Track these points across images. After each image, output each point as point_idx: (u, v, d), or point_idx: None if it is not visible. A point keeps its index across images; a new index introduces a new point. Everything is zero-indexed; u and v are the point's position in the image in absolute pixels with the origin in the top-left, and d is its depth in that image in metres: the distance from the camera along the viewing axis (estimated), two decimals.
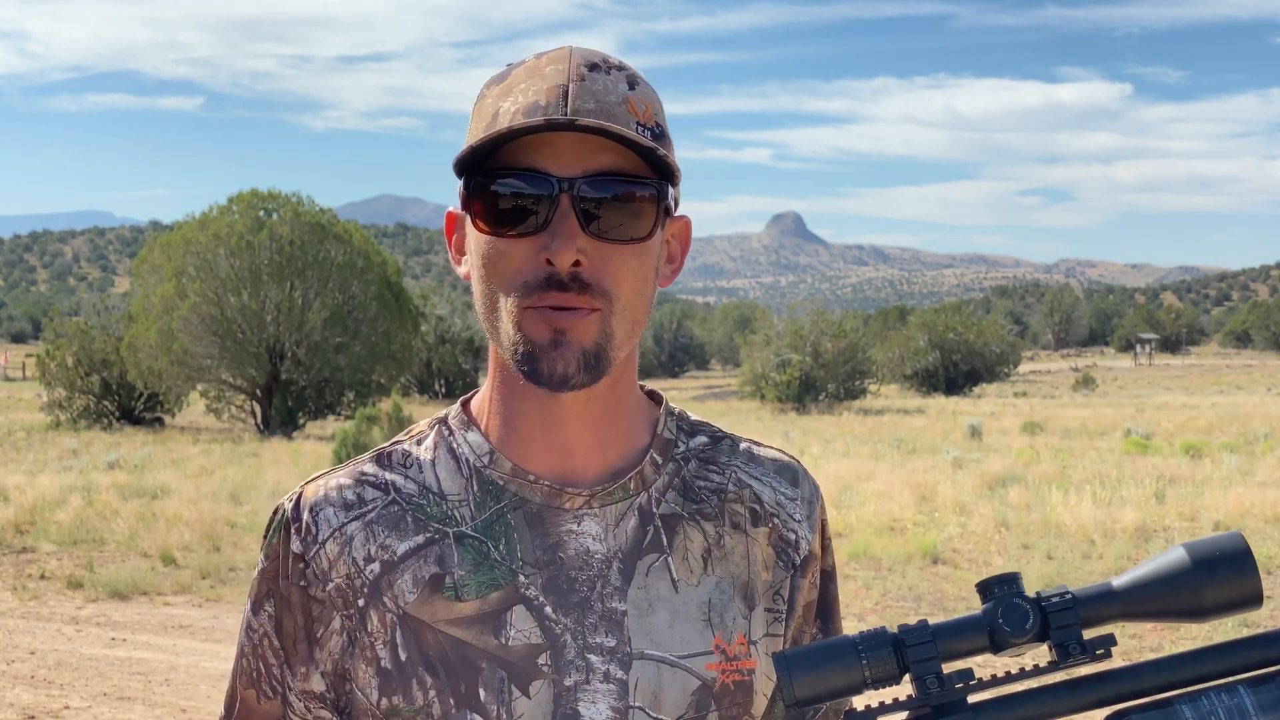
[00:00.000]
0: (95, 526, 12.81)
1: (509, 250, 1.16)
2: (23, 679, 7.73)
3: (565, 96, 1.14)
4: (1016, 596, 1.02)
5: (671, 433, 1.30)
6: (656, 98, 1.22)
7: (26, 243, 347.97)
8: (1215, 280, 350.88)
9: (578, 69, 1.16)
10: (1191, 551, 1.03)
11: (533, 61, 1.19)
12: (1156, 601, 1.04)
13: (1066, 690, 1.04)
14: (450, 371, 42.68)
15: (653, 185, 1.17)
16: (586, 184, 1.14)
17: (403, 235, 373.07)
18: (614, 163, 1.15)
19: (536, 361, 1.16)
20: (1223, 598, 1.03)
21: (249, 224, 27.54)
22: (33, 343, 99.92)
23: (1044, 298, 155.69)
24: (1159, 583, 1.04)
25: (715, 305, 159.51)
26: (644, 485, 1.25)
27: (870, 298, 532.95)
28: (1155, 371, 68.37)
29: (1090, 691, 1.04)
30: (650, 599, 1.21)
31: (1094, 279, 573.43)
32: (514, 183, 1.15)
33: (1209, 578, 1.02)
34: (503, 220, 1.16)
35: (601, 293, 1.15)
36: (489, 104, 1.18)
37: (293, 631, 1.23)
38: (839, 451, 20.52)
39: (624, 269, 1.16)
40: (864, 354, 37.44)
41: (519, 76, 1.18)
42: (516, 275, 1.16)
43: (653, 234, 1.18)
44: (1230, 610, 1.04)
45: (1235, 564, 1.02)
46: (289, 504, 1.24)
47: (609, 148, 1.15)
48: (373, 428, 18.23)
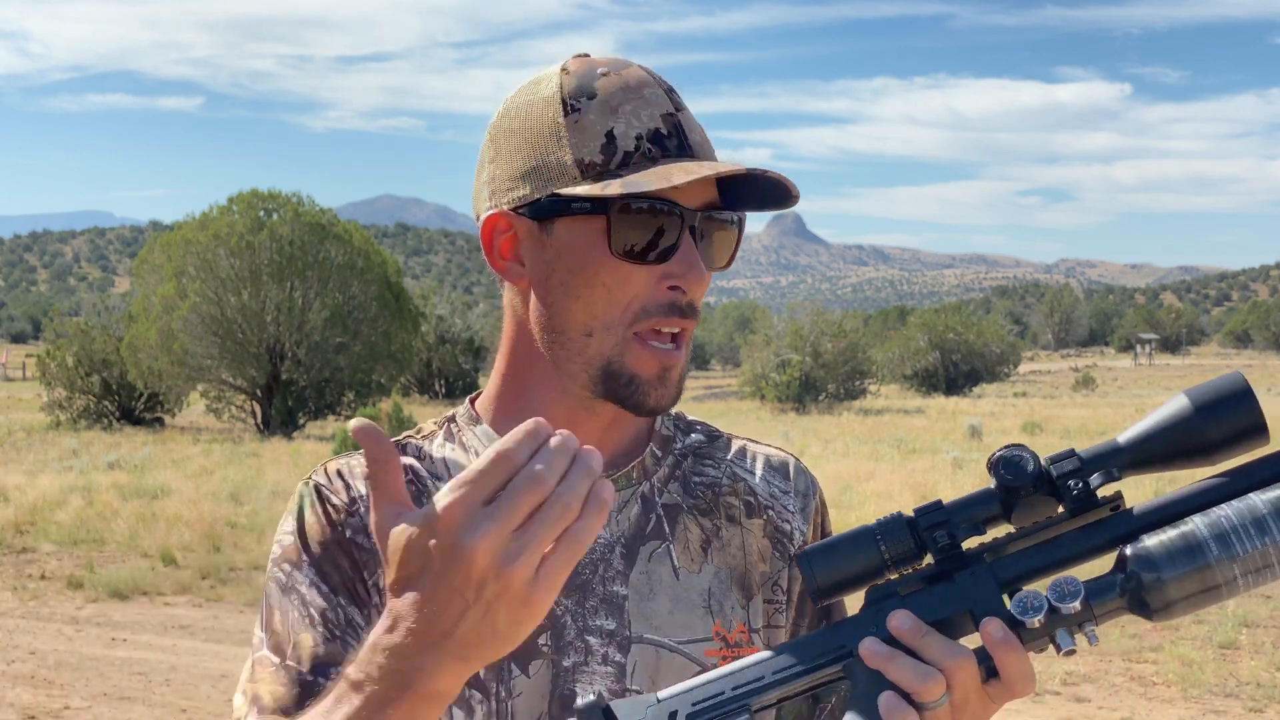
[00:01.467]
0: (95, 527, 12.81)
1: (633, 276, 1.18)
2: (23, 679, 7.73)
3: (680, 128, 1.20)
4: (1018, 449, 1.04)
5: (669, 429, 1.33)
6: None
7: (26, 243, 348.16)
8: (1215, 280, 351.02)
9: (668, 95, 1.22)
10: (1192, 395, 1.04)
11: (610, 75, 1.21)
12: (1163, 448, 1.04)
13: (1080, 535, 1.05)
14: (450, 371, 42.66)
15: (738, 217, 1.24)
16: (704, 216, 1.20)
17: (403, 235, 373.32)
18: (715, 195, 1.22)
19: (641, 395, 1.20)
20: (1227, 433, 1.03)
21: (249, 224, 27.53)
22: (33, 343, 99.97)
23: (1044, 298, 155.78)
24: (1163, 430, 1.04)
25: (715, 305, 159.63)
26: (645, 475, 1.28)
27: (870, 298, 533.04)
28: (1155, 371, 68.36)
29: (1105, 533, 1.05)
30: (651, 584, 1.24)
31: (1094, 279, 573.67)
32: (648, 213, 1.18)
33: (1211, 416, 1.03)
34: (636, 247, 1.18)
35: (695, 316, 1.22)
36: (597, 121, 1.19)
37: (342, 577, 1.20)
38: (839, 451, 20.53)
39: (704, 293, 1.24)
40: (864, 354, 37.45)
41: (614, 93, 1.20)
42: (634, 300, 1.19)
43: (732, 261, 1.26)
44: (1237, 445, 1.04)
45: (1236, 401, 1.03)
46: (316, 477, 1.24)
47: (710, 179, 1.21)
48: None
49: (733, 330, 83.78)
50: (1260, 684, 7.28)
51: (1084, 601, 1.01)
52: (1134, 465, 1.05)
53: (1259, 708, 6.92)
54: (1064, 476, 1.03)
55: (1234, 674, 7.52)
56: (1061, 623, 1.01)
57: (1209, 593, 1.00)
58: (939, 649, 0.99)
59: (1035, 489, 1.03)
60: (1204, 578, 1.00)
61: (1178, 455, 1.04)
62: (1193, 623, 8.64)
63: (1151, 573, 1.00)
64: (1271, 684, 7.27)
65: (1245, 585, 1.00)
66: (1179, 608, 1.01)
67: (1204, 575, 0.99)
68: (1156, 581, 1.00)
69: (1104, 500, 1.04)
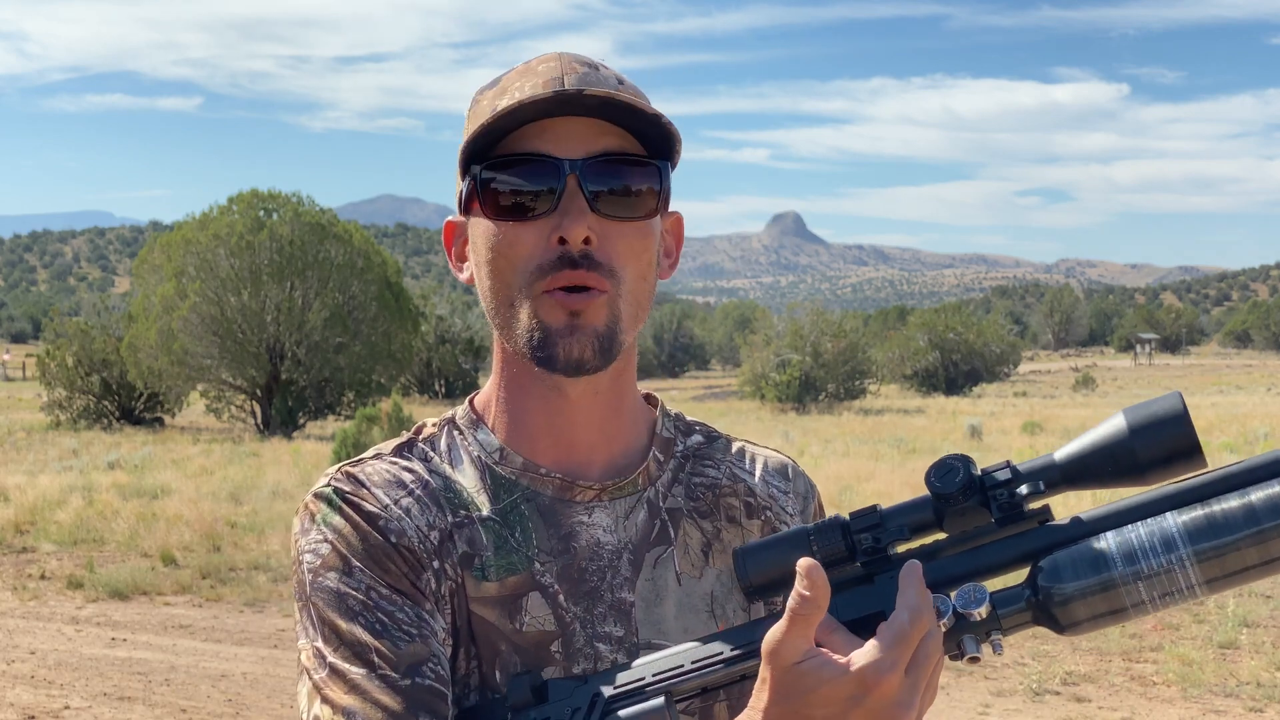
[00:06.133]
0: (95, 526, 12.81)
1: (520, 236, 1.18)
2: (23, 679, 7.73)
3: (563, 84, 1.18)
4: (954, 459, 1.05)
5: (670, 432, 1.33)
6: (643, 94, 1.26)
7: (26, 243, 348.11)
8: (1215, 280, 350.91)
9: (571, 64, 1.21)
10: (1129, 415, 1.04)
11: (524, 65, 1.23)
12: (1096, 465, 1.04)
13: (1003, 545, 1.06)
14: (450, 371, 42.67)
15: (655, 166, 1.21)
16: (591, 165, 1.17)
17: (403, 235, 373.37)
18: (615, 144, 1.19)
19: (553, 346, 1.18)
20: (1159, 454, 1.03)
21: (249, 224, 27.54)
22: (33, 343, 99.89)
23: (1044, 298, 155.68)
24: (1098, 448, 1.04)
25: (715, 305, 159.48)
26: (650, 481, 1.28)
27: (870, 298, 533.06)
28: (1155, 371, 68.36)
29: (1026, 544, 1.05)
30: (658, 590, 1.24)
31: (1094, 279, 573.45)
32: (521, 169, 1.18)
33: (1144, 438, 1.03)
34: (513, 208, 1.18)
35: (610, 272, 1.18)
36: (485, 105, 1.22)
37: (397, 578, 1.16)
38: (839, 451, 20.52)
39: (629, 249, 1.20)
40: (864, 354, 37.44)
41: (511, 78, 1.22)
42: (529, 260, 1.18)
43: (655, 213, 1.22)
44: (1169, 467, 1.03)
45: (1171, 424, 1.02)
46: (336, 483, 1.20)
47: (609, 131, 1.19)
48: (373, 428, 18.23)
49: (733, 330, 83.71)
50: (1260, 684, 7.28)
51: (990, 609, 1.02)
52: (1067, 481, 1.05)
53: (1259, 708, 6.92)
54: (994, 487, 1.04)
55: (1234, 674, 7.52)
56: (968, 629, 1.02)
57: (1116, 613, 1.00)
58: (845, 647, 1.01)
59: (965, 498, 1.04)
60: (1110, 596, 1.00)
61: (1111, 473, 1.04)
62: (1193, 622, 8.64)
63: (1058, 586, 1.01)
64: (1271, 684, 7.27)
65: (1155, 606, 0.99)
66: (1087, 624, 1.01)
67: (1110, 593, 1.00)
68: (1062, 596, 1.01)
69: (1032, 513, 1.05)
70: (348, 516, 1.17)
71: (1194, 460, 1.03)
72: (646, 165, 1.20)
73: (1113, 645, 8.07)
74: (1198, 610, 8.97)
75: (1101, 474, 1.04)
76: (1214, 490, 1.02)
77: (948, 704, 6.96)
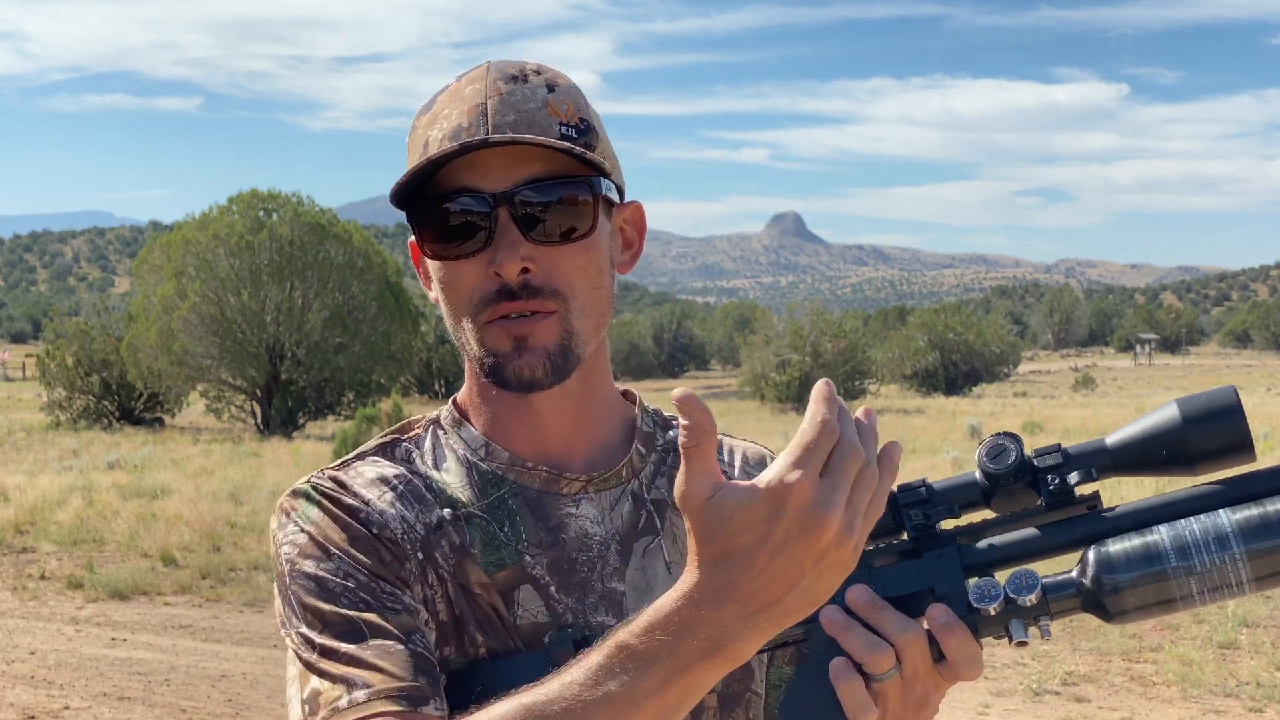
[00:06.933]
0: (95, 526, 12.81)
1: (461, 271, 1.21)
2: (23, 679, 7.74)
3: (485, 114, 1.18)
4: (1004, 438, 1.06)
5: (649, 426, 1.35)
6: (580, 95, 1.25)
7: (26, 243, 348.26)
8: (1215, 280, 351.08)
9: (495, 84, 1.21)
10: (1183, 405, 1.04)
11: (454, 85, 1.24)
12: (1147, 453, 1.05)
13: (1053, 530, 1.06)
14: (450, 371, 42.68)
15: (585, 181, 1.21)
16: (519, 193, 1.18)
17: (403, 235, 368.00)
18: (543, 169, 1.19)
19: (502, 370, 1.20)
20: (1211, 447, 1.04)
21: (249, 224, 27.55)
22: (33, 343, 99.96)
23: (1044, 298, 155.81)
24: (1150, 436, 1.05)
25: (715, 305, 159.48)
26: (633, 473, 1.30)
27: (870, 298, 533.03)
28: (1155, 371, 68.38)
29: (1075, 530, 1.06)
30: (648, 579, 1.25)
31: (1094, 279, 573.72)
32: (450, 207, 1.19)
33: (1198, 428, 1.03)
34: (448, 244, 1.20)
35: (554, 294, 1.19)
36: (420, 134, 1.23)
37: (378, 565, 1.17)
38: None
39: (573, 268, 1.20)
40: (864, 354, 37.49)
41: (443, 103, 1.23)
42: (471, 293, 1.20)
43: (594, 229, 1.22)
44: (1220, 460, 1.04)
45: (1225, 415, 1.03)
46: (315, 479, 1.22)
47: (536, 155, 1.19)
48: (372, 428, 18.25)
49: (732, 330, 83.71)
50: (1260, 684, 7.28)
51: (1040, 596, 1.02)
52: (1117, 467, 1.06)
53: (1259, 708, 6.92)
54: (1045, 470, 1.05)
55: (1234, 674, 7.52)
56: (1016, 614, 1.03)
57: (1166, 604, 1.01)
58: (892, 624, 1.02)
59: (1016, 479, 1.05)
60: (1160, 588, 1.01)
61: (1161, 463, 1.05)
62: (1193, 622, 8.64)
63: (1109, 576, 1.02)
64: (1271, 684, 7.27)
65: (1203, 600, 1.01)
66: (1135, 614, 1.02)
67: (1160, 585, 1.01)
68: (1113, 586, 1.02)
69: (1081, 498, 1.06)
70: (326, 510, 1.19)
71: (1244, 454, 1.04)
72: (576, 181, 1.20)
73: (1112, 645, 8.07)
74: (1198, 610, 8.97)
75: (1151, 462, 1.05)
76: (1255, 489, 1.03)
77: (948, 704, 6.96)
